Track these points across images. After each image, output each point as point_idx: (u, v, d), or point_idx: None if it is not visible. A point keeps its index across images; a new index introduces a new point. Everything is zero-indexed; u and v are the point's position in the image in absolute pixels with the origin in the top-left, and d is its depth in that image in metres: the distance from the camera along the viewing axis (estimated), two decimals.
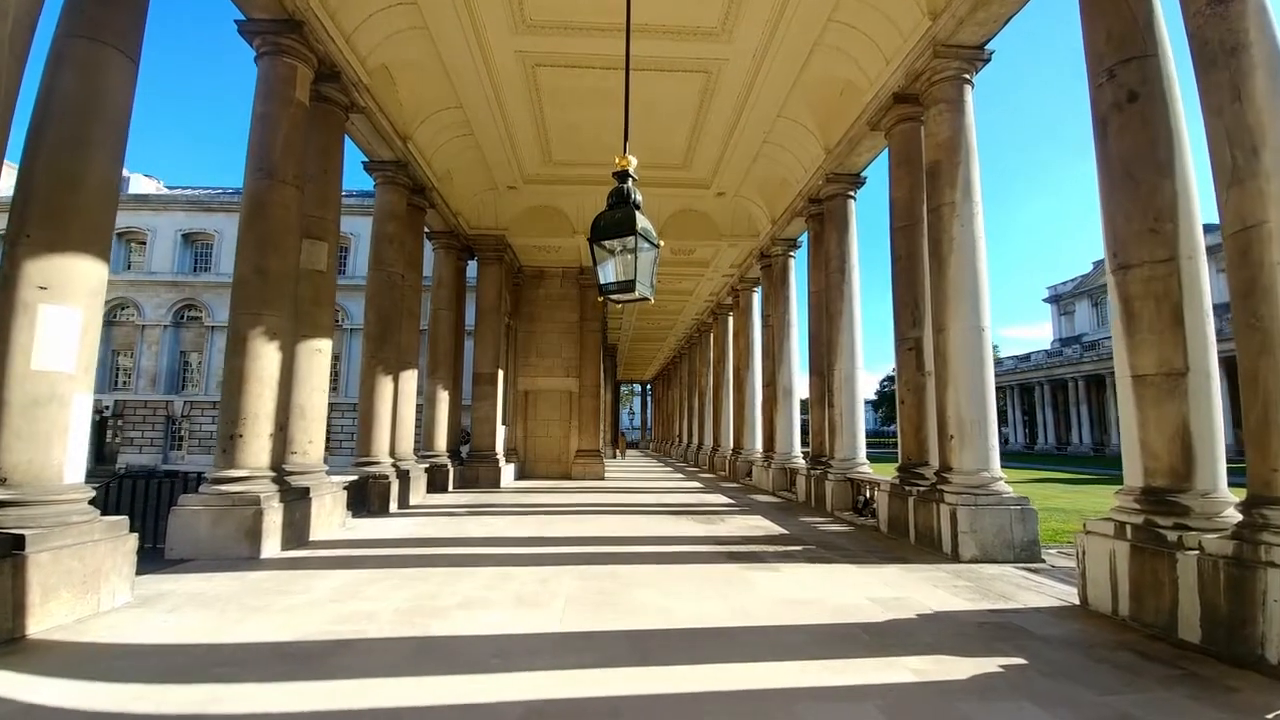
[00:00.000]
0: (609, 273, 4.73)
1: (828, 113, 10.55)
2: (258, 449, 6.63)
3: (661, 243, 4.84)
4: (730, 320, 20.69)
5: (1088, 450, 47.29)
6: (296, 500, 6.95)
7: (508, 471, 15.53)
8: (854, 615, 4.56)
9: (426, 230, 14.07)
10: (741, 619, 4.46)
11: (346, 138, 9.81)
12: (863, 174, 11.05)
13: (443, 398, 14.00)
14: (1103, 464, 34.39)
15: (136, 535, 5.06)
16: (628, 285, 4.64)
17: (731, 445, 19.38)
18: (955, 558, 6.61)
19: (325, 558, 6.36)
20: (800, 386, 14.74)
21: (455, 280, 14.68)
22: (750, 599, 4.98)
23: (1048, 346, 58.09)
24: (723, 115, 11.21)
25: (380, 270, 10.61)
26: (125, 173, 39.03)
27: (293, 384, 7.49)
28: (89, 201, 4.83)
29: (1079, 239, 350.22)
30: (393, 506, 9.94)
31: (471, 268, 15.88)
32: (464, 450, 15.33)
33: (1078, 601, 5.10)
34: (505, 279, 16.11)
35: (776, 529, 8.64)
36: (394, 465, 10.44)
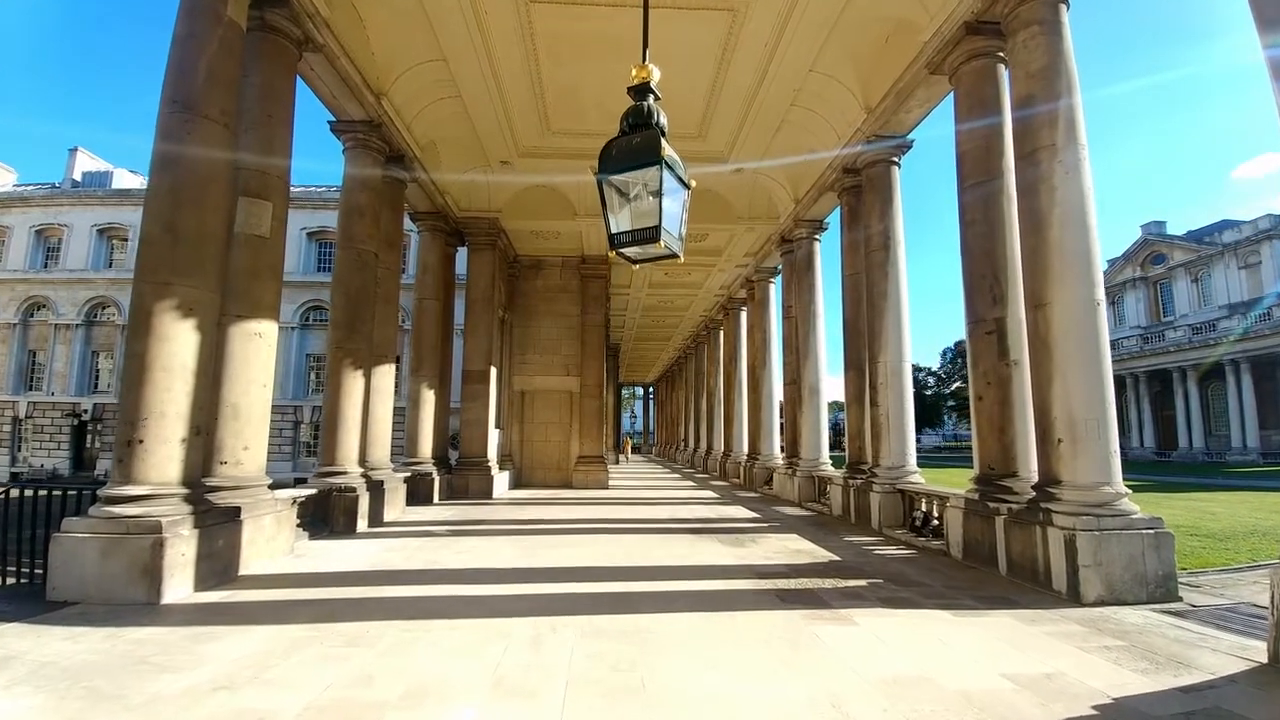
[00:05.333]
0: (623, 219, 3.33)
1: (871, 63, 9.04)
2: (163, 458, 5.08)
3: (693, 183, 3.46)
4: (744, 314, 19.18)
5: None
6: (220, 524, 5.40)
7: (501, 480, 13.97)
8: (1001, 712, 3.02)
9: (410, 211, 12.59)
10: None
11: (309, 89, 8.39)
12: (909, 136, 9.55)
13: (428, 398, 12.46)
14: (1128, 468, 32.71)
15: None
16: (649, 234, 3.25)
17: (746, 450, 17.83)
18: (1075, 599, 5.06)
19: (248, 604, 4.80)
20: (827, 384, 13.21)
21: (442, 267, 13.15)
22: (834, 678, 3.43)
23: None
24: (746, 71, 9.69)
25: (349, 248, 9.07)
26: (108, 167, 37.65)
27: (223, 376, 5.95)
28: None
29: None
30: (361, 525, 8.39)
31: (461, 260, 14.35)
32: (453, 457, 13.79)
33: (1265, 659, 3.76)
34: (499, 267, 14.57)
35: (823, 553, 7.08)
36: (364, 475, 8.88)
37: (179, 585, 4.90)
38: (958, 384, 69.54)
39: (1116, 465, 5.49)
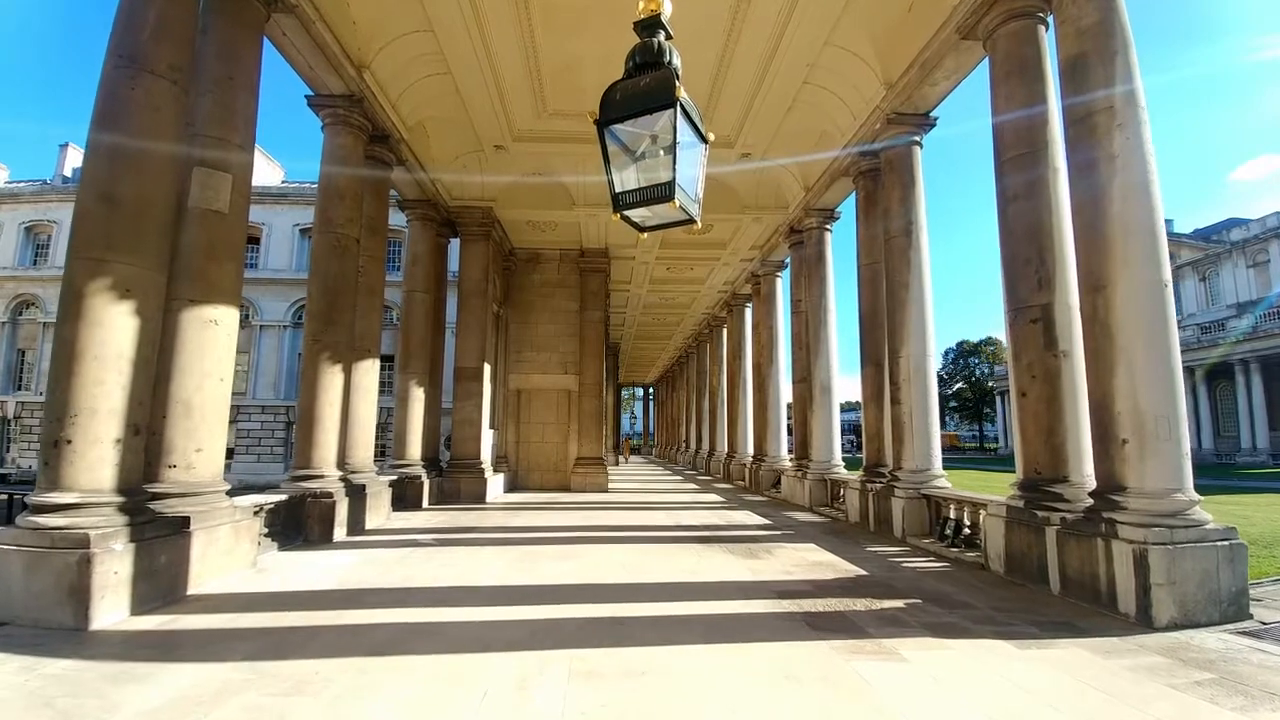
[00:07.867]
0: (629, 176, 2.71)
1: (893, 33, 8.36)
2: (95, 461, 4.40)
3: (712, 136, 2.93)
4: (749, 311, 18.51)
5: None
6: (163, 537, 4.71)
7: (495, 483, 13.27)
8: None
9: (398, 199, 11.93)
10: None
11: (283, 59, 7.73)
12: (933, 114, 8.87)
13: (417, 396, 11.77)
14: None
15: None
16: (660, 193, 2.66)
17: (751, 452, 17.14)
18: (1145, 622, 4.39)
19: (187, 633, 4.11)
20: (840, 383, 12.53)
21: (433, 258, 12.46)
22: None
23: None
24: (757, 46, 9.01)
25: (327, 233, 8.38)
26: None
27: (173, 369, 5.27)
28: None
29: None
30: (339, 533, 7.70)
31: (455, 255, 13.64)
32: (446, 458, 13.09)
33: None
34: (494, 260, 13.88)
35: (847, 566, 6.40)
36: (343, 479, 8.18)
37: (111, 608, 4.22)
38: (959, 384, 69.05)
39: (1188, 469, 4.82)
